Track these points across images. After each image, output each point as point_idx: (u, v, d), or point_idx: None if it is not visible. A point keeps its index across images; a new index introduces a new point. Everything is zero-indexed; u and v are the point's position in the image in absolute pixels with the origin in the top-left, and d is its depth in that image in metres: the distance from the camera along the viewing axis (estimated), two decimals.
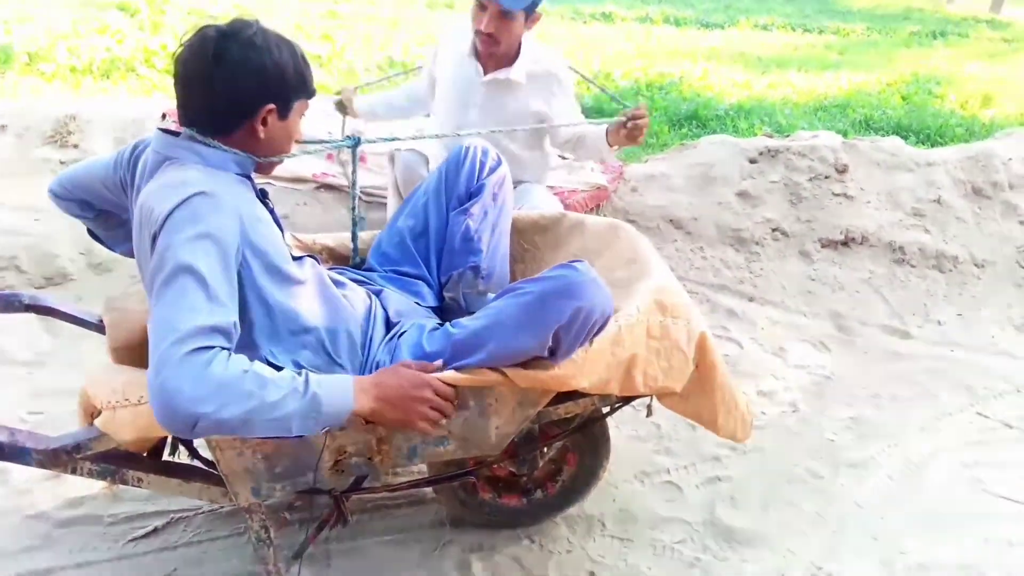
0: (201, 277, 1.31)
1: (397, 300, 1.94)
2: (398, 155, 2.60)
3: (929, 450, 2.62)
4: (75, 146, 3.28)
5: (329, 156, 3.55)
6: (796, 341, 3.17)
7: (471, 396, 1.65)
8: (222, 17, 7.39)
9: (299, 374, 1.38)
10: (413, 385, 1.48)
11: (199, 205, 1.36)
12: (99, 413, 1.62)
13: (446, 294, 2.07)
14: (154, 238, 1.36)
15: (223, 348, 1.30)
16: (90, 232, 1.90)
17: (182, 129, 1.50)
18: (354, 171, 2.11)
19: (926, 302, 3.47)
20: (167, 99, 4.04)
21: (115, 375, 1.65)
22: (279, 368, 1.53)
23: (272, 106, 1.50)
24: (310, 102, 1.61)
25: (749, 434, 1.94)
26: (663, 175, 3.75)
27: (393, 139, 2.23)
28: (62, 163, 3.22)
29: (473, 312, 1.75)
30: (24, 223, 2.92)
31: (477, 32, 2.49)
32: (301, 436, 1.42)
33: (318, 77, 5.78)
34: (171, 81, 1.52)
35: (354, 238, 2.14)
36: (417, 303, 2.00)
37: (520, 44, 2.58)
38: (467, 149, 2.05)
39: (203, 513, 2.11)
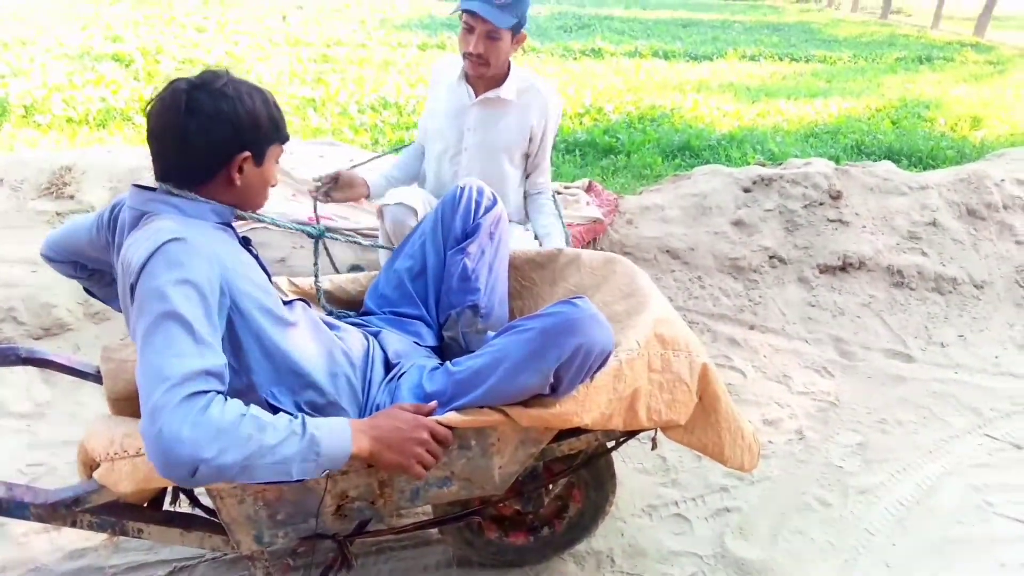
0: (185, 321, 1.29)
1: (396, 341, 1.93)
2: (387, 209, 2.64)
3: (938, 474, 2.59)
4: (71, 197, 3.29)
5: None
6: (799, 368, 3.15)
7: (473, 436, 1.64)
8: (218, 65, 7.51)
9: (296, 417, 1.36)
10: (409, 427, 1.47)
11: (173, 251, 1.35)
12: (98, 466, 1.61)
13: (445, 333, 2.06)
14: (132, 288, 1.35)
15: (218, 392, 1.28)
16: (86, 290, 1.90)
17: (158, 184, 1.50)
18: (316, 262, 2.16)
19: (927, 325, 3.47)
20: None
21: (113, 427, 1.63)
22: (282, 411, 1.52)
23: (247, 154, 1.51)
24: (289, 147, 1.62)
25: (756, 464, 1.92)
26: (657, 206, 3.77)
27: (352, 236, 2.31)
28: (58, 214, 3.23)
29: (473, 351, 1.74)
30: (21, 275, 2.92)
31: (467, 55, 2.55)
32: (302, 481, 1.40)
33: (313, 120, 5.86)
34: None
35: (320, 292, 2.17)
36: (416, 343, 1.99)
37: (508, 66, 2.65)
38: (462, 189, 2.06)
39: (206, 561, 2.08)
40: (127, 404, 1.93)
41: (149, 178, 1.51)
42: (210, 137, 1.45)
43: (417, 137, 2.89)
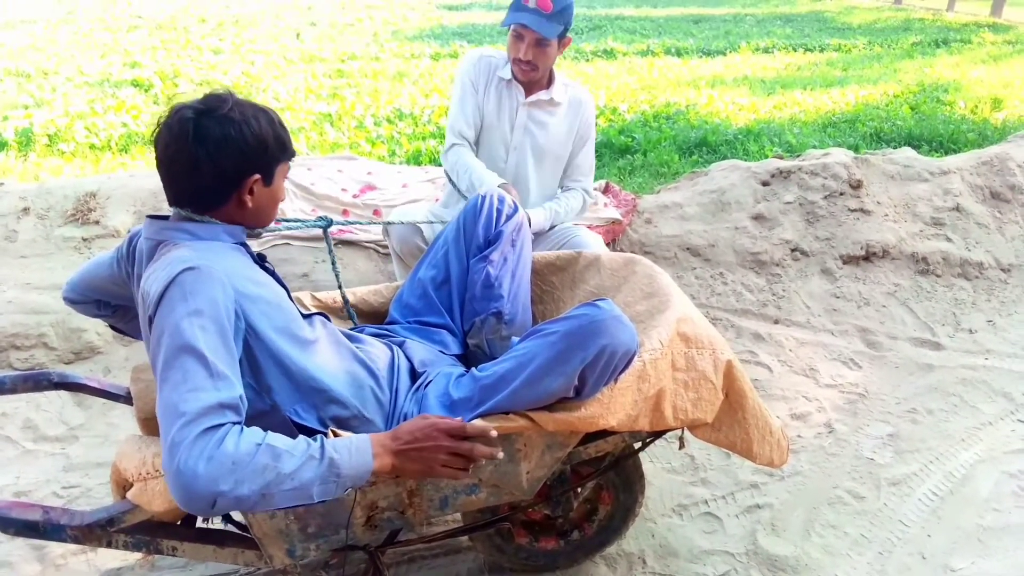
0: (200, 355, 1.31)
1: (421, 350, 1.94)
2: (392, 229, 2.67)
3: (971, 462, 2.56)
4: (96, 222, 3.34)
5: (345, 211, 3.59)
6: (825, 360, 3.13)
7: (499, 442, 1.65)
8: (235, 86, 7.60)
9: (314, 440, 1.37)
10: (426, 435, 1.46)
11: (188, 281, 1.37)
12: (130, 486, 1.64)
13: (470, 341, 2.07)
14: (151, 320, 1.38)
15: (233, 423, 1.30)
16: (112, 327, 1.93)
17: (172, 210, 1.53)
18: (331, 251, 2.16)
19: (955, 311, 3.42)
20: None
21: (144, 447, 1.66)
22: (307, 427, 1.53)
23: (257, 176, 1.52)
24: (307, 162, 1.64)
25: (786, 459, 1.91)
26: (676, 204, 3.76)
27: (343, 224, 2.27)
28: (84, 240, 3.29)
29: (498, 358, 1.75)
30: (50, 301, 2.97)
31: (515, 60, 2.65)
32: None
33: (330, 135, 5.91)
34: None
35: (346, 303, 2.18)
36: (442, 352, 2.00)
37: (552, 70, 2.75)
38: (483, 198, 2.09)
39: (250, 572, 2.10)
40: (156, 423, 1.96)
41: (167, 205, 1.54)
42: (220, 164, 1.47)
43: (456, 134, 2.84)
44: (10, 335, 2.90)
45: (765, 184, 3.80)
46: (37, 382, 1.98)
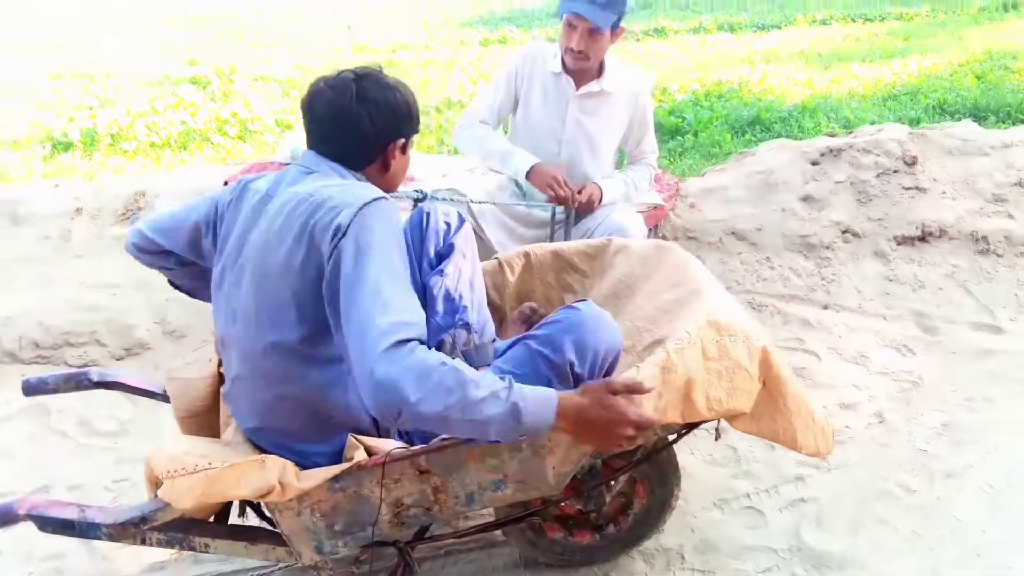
0: (395, 273, 1.40)
1: None
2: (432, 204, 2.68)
3: None
4: None
5: None
6: (877, 347, 3.01)
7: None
8: (288, 81, 7.70)
9: (503, 378, 1.41)
10: (615, 423, 1.48)
11: (387, 208, 1.47)
12: (161, 484, 1.66)
13: None
14: (337, 230, 1.42)
15: (420, 341, 1.35)
16: (171, 282, 2.00)
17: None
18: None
19: (1017, 292, 3.26)
20: (230, 167, 4.18)
21: (175, 445, 1.69)
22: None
23: (403, 140, 1.65)
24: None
25: (832, 448, 1.84)
26: (721, 187, 3.66)
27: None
28: None
29: (478, 367, 1.74)
30: (102, 299, 3.06)
31: (568, 50, 2.64)
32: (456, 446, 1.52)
33: None
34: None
35: None
36: None
37: (603, 60, 2.74)
38: (427, 212, 2.11)
39: (280, 569, 2.13)
40: (194, 421, 2.00)
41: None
42: (377, 124, 1.59)
43: (478, 115, 2.85)
44: (65, 332, 3.00)
45: (814, 163, 3.67)
46: (78, 382, 2.03)
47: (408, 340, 1.32)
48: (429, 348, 1.35)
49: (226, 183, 3.66)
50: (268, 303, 1.53)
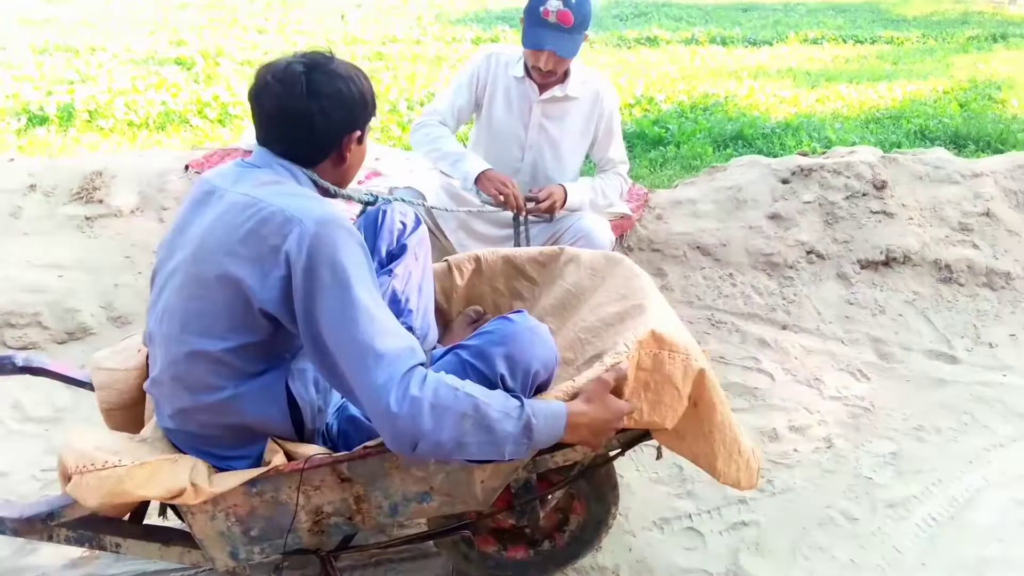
0: (377, 297, 1.37)
1: None
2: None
3: (977, 486, 2.42)
4: (100, 201, 3.34)
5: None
6: (832, 370, 2.98)
7: None
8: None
9: (513, 397, 1.41)
10: (613, 421, 1.53)
11: (347, 226, 1.40)
12: (71, 479, 1.60)
13: None
14: (297, 250, 1.36)
15: (423, 364, 1.35)
16: None
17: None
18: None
19: (976, 323, 3.25)
20: (185, 152, 4.09)
21: (86, 439, 1.63)
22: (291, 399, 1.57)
23: (358, 132, 1.56)
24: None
25: (754, 482, 1.81)
26: (690, 200, 3.64)
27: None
28: (87, 219, 3.29)
29: None
30: (47, 280, 2.98)
31: (535, 68, 2.59)
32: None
33: None
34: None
35: None
36: None
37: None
38: (384, 211, 2.04)
39: (205, 571, 2.07)
40: (119, 415, 1.93)
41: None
42: (330, 119, 1.50)
43: (437, 115, 2.80)
44: (6, 312, 2.91)
45: (785, 182, 3.65)
46: (2, 366, 1.97)
47: (414, 367, 1.32)
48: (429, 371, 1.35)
49: (187, 168, 3.59)
50: (197, 310, 1.46)
